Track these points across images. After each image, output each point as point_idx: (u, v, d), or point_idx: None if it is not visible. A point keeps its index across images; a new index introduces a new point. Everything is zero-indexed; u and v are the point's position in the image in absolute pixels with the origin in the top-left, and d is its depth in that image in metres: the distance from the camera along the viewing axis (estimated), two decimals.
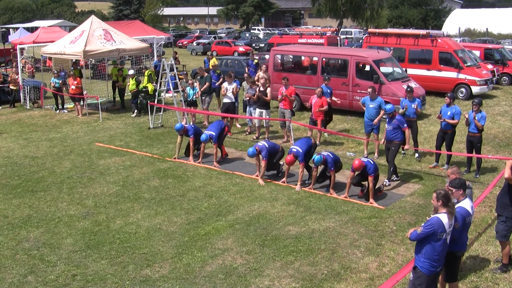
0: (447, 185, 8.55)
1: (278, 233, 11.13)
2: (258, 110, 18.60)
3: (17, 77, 25.97)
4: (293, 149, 14.16)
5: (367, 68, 22.16)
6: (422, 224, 7.33)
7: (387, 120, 14.46)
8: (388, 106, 14.43)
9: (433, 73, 26.61)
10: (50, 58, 32.72)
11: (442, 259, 7.43)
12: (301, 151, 13.97)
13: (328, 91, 18.67)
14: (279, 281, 9.24)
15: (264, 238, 10.93)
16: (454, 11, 78.72)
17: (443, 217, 7.24)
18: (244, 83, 20.28)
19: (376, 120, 16.24)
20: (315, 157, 13.50)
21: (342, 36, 43.66)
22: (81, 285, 9.25)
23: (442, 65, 26.52)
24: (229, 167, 15.74)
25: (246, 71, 21.67)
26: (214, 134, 15.79)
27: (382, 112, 15.98)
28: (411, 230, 7.43)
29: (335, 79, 21.52)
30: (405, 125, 14.22)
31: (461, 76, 26.03)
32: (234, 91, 19.72)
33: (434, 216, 7.31)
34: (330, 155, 13.67)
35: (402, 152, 16.08)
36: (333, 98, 18.95)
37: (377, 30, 30.34)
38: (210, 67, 28.14)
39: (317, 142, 17.48)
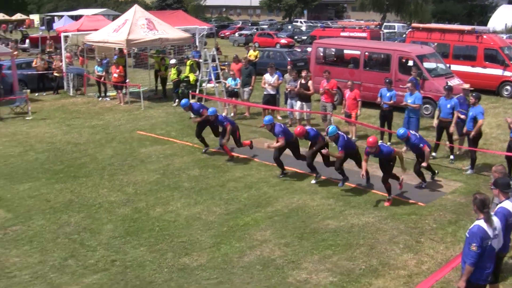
0: (490, 182, 8.41)
1: (317, 227, 11.10)
2: (299, 102, 18.52)
3: (61, 64, 26.38)
4: (307, 128, 14.09)
5: (410, 63, 21.87)
6: (467, 239, 7.05)
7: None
8: (400, 132, 12.98)
9: (478, 70, 26.10)
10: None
11: (492, 264, 7.23)
12: (314, 131, 13.84)
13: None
14: (317, 275, 9.21)
15: (302, 231, 10.92)
16: (500, 6, 76.89)
17: (482, 224, 7.05)
18: (286, 75, 20.17)
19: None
20: (330, 127, 13.13)
21: (385, 31, 42.90)
22: (120, 271, 9.39)
23: (487, 62, 25.99)
24: (269, 159, 15.69)
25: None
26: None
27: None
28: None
29: (377, 74, 21.32)
30: (421, 144, 12.92)
31: (507, 73, 25.47)
32: (275, 83, 19.66)
33: (474, 224, 7.10)
34: (345, 137, 13.06)
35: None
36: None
37: (421, 25, 29.89)
38: (249, 57, 27.87)
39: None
